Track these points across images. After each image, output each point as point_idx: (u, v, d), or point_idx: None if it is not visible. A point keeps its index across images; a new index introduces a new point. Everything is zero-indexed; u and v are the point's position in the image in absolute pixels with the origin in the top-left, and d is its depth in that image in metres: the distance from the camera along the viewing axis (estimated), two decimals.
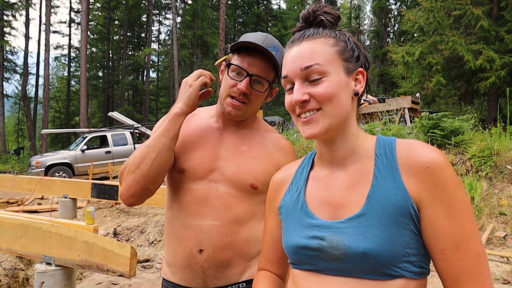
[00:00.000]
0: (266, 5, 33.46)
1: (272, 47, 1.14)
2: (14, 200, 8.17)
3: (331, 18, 0.80)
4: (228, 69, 1.18)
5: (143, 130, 14.11)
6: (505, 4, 10.89)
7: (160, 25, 35.36)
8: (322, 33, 0.78)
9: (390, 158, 0.74)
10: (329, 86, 0.74)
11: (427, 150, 0.71)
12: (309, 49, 0.76)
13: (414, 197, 0.69)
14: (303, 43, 0.77)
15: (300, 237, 0.77)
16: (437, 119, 6.01)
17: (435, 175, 0.69)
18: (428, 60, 11.31)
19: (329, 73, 0.75)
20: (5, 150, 23.47)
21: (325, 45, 0.76)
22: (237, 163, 1.18)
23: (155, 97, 33.76)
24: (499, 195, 5.01)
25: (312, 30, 0.79)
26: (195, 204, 1.16)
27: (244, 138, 1.23)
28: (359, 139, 0.80)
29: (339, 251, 0.71)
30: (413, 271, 0.69)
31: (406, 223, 0.69)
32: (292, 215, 0.82)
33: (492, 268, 3.80)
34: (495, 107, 11.35)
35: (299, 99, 0.74)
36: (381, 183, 0.72)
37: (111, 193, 5.41)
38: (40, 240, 2.37)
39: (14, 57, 26.65)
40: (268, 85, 1.18)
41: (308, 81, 0.75)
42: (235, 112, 1.17)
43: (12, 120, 40.14)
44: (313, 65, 0.74)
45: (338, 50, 0.77)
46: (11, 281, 3.77)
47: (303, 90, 0.75)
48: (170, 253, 1.21)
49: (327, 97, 0.74)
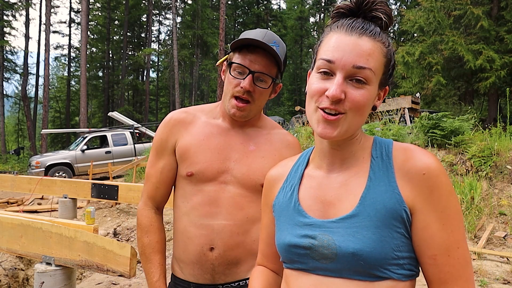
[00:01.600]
0: (266, 5, 33.43)
1: (273, 42, 1.14)
2: (14, 200, 8.17)
3: (389, 21, 0.75)
4: (230, 68, 1.17)
5: (143, 130, 14.12)
6: (505, 4, 10.88)
7: (160, 25, 35.37)
8: (381, 36, 0.74)
9: (386, 161, 0.74)
10: (366, 96, 0.71)
11: (424, 156, 0.71)
12: (369, 49, 0.71)
13: (407, 202, 0.70)
14: (364, 37, 0.71)
15: (291, 236, 0.77)
16: (437, 119, 6.01)
17: (431, 181, 0.69)
18: (428, 60, 11.30)
19: (372, 83, 0.72)
20: (5, 150, 23.46)
21: (381, 51, 0.73)
22: (247, 164, 1.19)
23: (155, 97, 33.75)
24: (499, 195, 5.01)
25: (373, 26, 0.73)
26: (206, 205, 1.17)
27: (252, 137, 1.23)
28: (360, 142, 0.80)
29: (330, 250, 0.71)
30: (401, 273, 0.70)
31: (398, 226, 0.69)
32: (285, 213, 0.82)
33: (492, 268, 3.80)
34: (495, 107, 11.34)
35: (338, 95, 0.69)
36: (375, 185, 0.72)
37: (111, 193, 5.40)
38: (40, 240, 2.37)
39: (14, 57, 26.65)
40: (271, 81, 1.17)
41: (350, 79, 0.71)
42: (240, 113, 1.17)
43: (12, 120, 40.13)
44: (367, 68, 0.70)
45: (385, 62, 0.74)
46: (11, 281, 3.78)
47: (342, 88, 0.70)
48: (180, 249, 1.22)
49: (360, 106, 0.71)
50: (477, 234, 4.52)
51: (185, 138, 1.21)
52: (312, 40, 33.52)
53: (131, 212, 6.58)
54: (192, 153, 1.19)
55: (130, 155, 12.06)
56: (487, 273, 3.69)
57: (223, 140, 1.21)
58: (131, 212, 6.58)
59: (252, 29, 1.20)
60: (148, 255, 1.22)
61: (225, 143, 1.21)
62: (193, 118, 1.25)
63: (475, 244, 4.33)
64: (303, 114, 11.29)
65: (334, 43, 0.72)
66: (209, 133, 1.22)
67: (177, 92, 22.43)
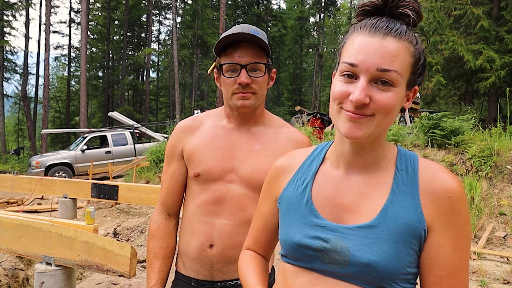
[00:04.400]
0: (266, 5, 33.39)
1: (251, 32, 1.14)
2: (14, 200, 8.17)
3: (417, 18, 0.71)
4: (222, 71, 1.18)
5: (143, 130, 14.12)
6: (505, 4, 10.89)
7: (160, 25, 35.35)
8: (408, 35, 0.70)
9: (411, 176, 0.73)
10: (394, 99, 0.68)
11: (450, 179, 0.71)
12: (393, 50, 0.67)
13: (427, 221, 0.70)
14: (388, 38, 0.68)
15: (301, 235, 0.75)
16: (437, 119, 6.00)
17: (454, 205, 0.70)
18: (428, 60, 11.30)
19: (398, 85, 0.68)
20: (5, 150, 23.44)
21: (408, 51, 0.69)
22: (251, 163, 1.19)
23: (155, 97, 33.73)
24: (499, 195, 5.01)
25: (399, 25, 0.70)
26: (211, 204, 1.20)
27: (257, 136, 1.24)
28: (385, 150, 0.78)
29: (342, 256, 0.70)
30: (406, 287, 0.71)
31: (414, 244, 0.70)
32: (295, 209, 0.79)
33: (492, 268, 3.80)
34: (495, 107, 11.35)
35: (362, 100, 0.66)
36: (398, 199, 0.72)
37: (111, 193, 5.40)
38: (40, 240, 2.37)
39: (14, 57, 26.61)
40: (265, 68, 1.19)
41: (375, 82, 0.68)
42: (247, 102, 1.17)
43: (12, 120, 40.11)
44: (392, 70, 0.67)
45: (413, 62, 0.71)
46: (11, 281, 3.78)
47: (367, 92, 0.67)
48: (183, 244, 1.26)
49: (387, 109, 0.68)
50: (477, 234, 4.52)
51: (191, 142, 1.24)
52: (312, 40, 33.48)
53: (131, 212, 6.58)
54: (198, 154, 1.22)
55: (130, 155, 12.06)
56: (487, 273, 3.69)
57: (228, 139, 1.23)
58: (131, 212, 6.58)
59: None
60: (150, 260, 1.26)
61: (230, 142, 1.22)
62: (199, 124, 1.28)
63: (475, 244, 4.33)
64: (303, 114, 11.27)
65: (357, 45, 0.69)
66: (215, 135, 1.24)
67: (177, 92, 22.42)
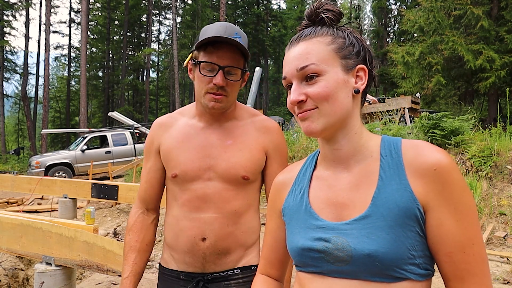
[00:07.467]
0: (266, 5, 33.38)
1: (234, 35, 1.16)
2: (14, 200, 8.17)
3: (332, 15, 0.79)
4: (199, 67, 1.18)
5: (143, 130, 14.10)
6: (505, 4, 10.88)
7: (160, 25, 35.36)
8: (320, 32, 0.77)
9: (395, 159, 0.73)
10: (325, 85, 0.74)
11: (434, 152, 0.70)
12: (305, 50, 0.76)
13: (420, 199, 0.69)
14: (300, 43, 0.78)
15: (304, 239, 0.76)
16: (437, 119, 6.00)
17: (442, 177, 0.68)
18: (428, 60, 11.30)
19: (325, 72, 0.74)
20: (5, 150, 23.45)
21: (322, 44, 0.76)
22: (225, 159, 1.22)
23: (155, 97, 33.76)
24: (499, 195, 5.01)
25: (310, 29, 0.79)
26: (195, 201, 1.22)
27: (229, 131, 1.26)
28: (363, 138, 0.79)
29: (345, 253, 0.70)
30: (418, 273, 0.69)
31: (412, 225, 0.69)
32: (296, 217, 0.81)
33: (492, 268, 3.80)
34: (495, 107, 11.35)
35: (296, 99, 0.75)
36: (387, 184, 0.72)
37: (111, 193, 5.40)
38: (40, 240, 2.37)
39: (14, 57, 26.65)
40: (241, 73, 1.21)
41: (305, 81, 0.76)
42: (219, 105, 1.19)
43: (12, 120, 40.14)
44: (309, 65, 0.74)
45: (336, 48, 0.76)
46: (11, 281, 3.78)
47: (300, 91, 0.75)
48: (171, 238, 1.27)
49: (323, 96, 0.74)
50: None
51: (166, 140, 1.26)
52: None
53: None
54: (174, 156, 1.24)
55: (130, 155, 12.06)
56: None
57: (201, 138, 1.25)
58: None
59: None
60: (126, 253, 1.30)
61: (203, 141, 1.24)
62: (174, 121, 1.30)
63: None
64: None
65: (284, 62, 0.81)
66: (188, 134, 1.26)
67: (177, 92, 22.42)
